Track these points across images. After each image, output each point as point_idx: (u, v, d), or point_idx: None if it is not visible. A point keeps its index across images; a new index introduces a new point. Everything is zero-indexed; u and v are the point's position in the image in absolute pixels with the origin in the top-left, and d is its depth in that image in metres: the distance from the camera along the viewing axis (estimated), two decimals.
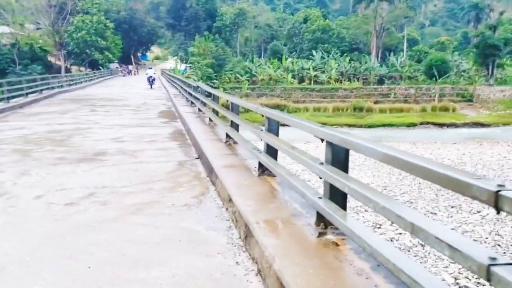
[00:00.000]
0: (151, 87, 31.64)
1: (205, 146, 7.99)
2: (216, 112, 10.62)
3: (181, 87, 21.45)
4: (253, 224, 3.76)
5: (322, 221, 3.40)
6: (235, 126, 8.08)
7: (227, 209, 4.85)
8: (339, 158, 3.23)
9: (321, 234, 3.38)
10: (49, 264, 3.55)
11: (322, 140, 3.33)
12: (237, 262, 3.54)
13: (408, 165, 2.24)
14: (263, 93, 59.18)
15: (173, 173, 6.77)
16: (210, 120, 10.98)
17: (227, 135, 8.38)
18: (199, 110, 13.32)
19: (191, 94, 16.17)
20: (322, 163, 3.35)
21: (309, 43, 73.49)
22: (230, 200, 4.77)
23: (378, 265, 2.78)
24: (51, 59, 56.57)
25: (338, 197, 3.24)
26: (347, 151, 3.23)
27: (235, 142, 8.13)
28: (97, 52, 55.72)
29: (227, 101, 8.72)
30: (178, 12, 73.94)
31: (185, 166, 7.23)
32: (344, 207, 3.26)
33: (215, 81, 55.25)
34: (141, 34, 71.63)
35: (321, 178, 3.35)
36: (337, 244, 3.24)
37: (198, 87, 13.57)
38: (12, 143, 9.22)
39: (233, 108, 8.30)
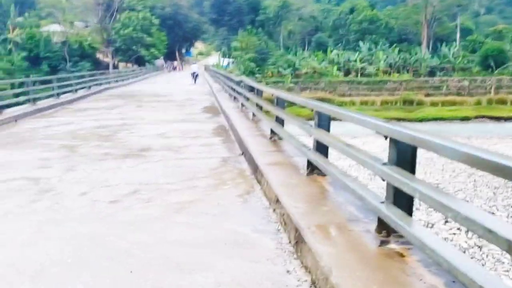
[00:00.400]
0: (195, 82, 32.18)
1: (249, 142, 7.73)
2: (259, 107, 10.34)
3: (224, 82, 21.34)
4: (304, 229, 3.44)
5: (384, 228, 3.04)
6: (280, 121, 7.77)
7: (274, 210, 4.56)
8: (405, 157, 2.85)
9: (383, 243, 3.02)
10: (90, 267, 3.39)
11: (386, 137, 2.95)
12: (288, 271, 3.24)
13: (502, 170, 1.84)
14: (306, 86, 58.34)
15: (217, 169, 6.55)
16: (254, 115, 10.71)
17: (272, 131, 8.08)
18: (242, 105, 13.08)
19: (233, 89, 15.98)
20: (385, 163, 2.98)
21: (356, 34, 71.78)
22: (278, 200, 4.47)
23: (454, 281, 2.40)
24: (99, 56, 58.28)
25: (403, 201, 2.87)
26: (414, 150, 2.84)
27: (280, 138, 7.82)
28: (143, 49, 56.84)
29: (272, 95, 8.41)
30: (222, 7, 74.22)
31: (229, 163, 7.00)
32: (410, 213, 2.88)
33: (257, 75, 55.03)
34: (185, 30, 72.42)
35: (383, 180, 2.98)
36: (402, 255, 2.87)
37: (241, 81, 13.33)
38: (60, 139, 9.33)
39: (278, 102, 7.97)
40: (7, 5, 58.89)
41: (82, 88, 21.29)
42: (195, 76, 33.43)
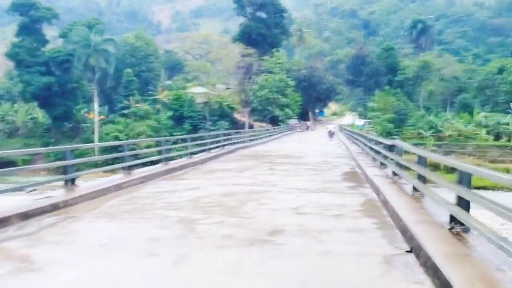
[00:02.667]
0: (331, 138, 38.31)
1: (420, 233, 5.47)
2: (422, 178, 8.02)
3: (365, 144, 19.14)
4: None
5: None
6: (464, 204, 5.44)
7: None
8: None
9: None
10: None
11: None
12: None
13: None
14: (451, 150, 52.90)
15: (380, 280, 4.42)
16: (415, 189, 8.37)
17: (452, 218, 5.72)
18: (394, 174, 10.76)
19: (379, 153, 13.76)
20: None
21: (506, 95, 64.47)
22: None
23: None
24: (236, 115, 60.53)
25: None
26: None
27: (464, 231, 5.45)
28: (277, 109, 57.58)
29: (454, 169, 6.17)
30: (358, 68, 73.05)
31: (395, 267, 4.81)
32: None
33: (395, 136, 51.61)
34: (319, 91, 72.37)
35: None
36: None
37: (394, 145, 11.10)
38: (180, 209, 8.07)
39: (462, 178, 5.63)
40: (159, 69, 65.26)
41: (216, 147, 20.91)
42: (331, 134, 39.69)
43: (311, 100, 73.17)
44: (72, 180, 9.79)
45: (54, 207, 8.09)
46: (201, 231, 6.41)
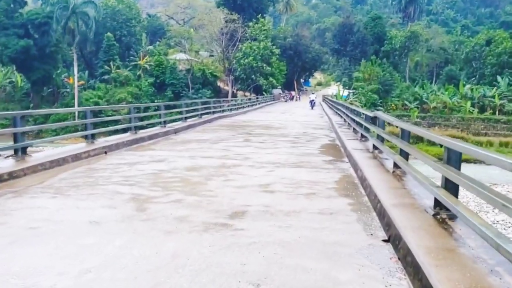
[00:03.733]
0: (312, 108, 40.02)
1: (399, 220, 4.77)
2: (405, 155, 7.31)
3: (347, 115, 18.41)
4: None
5: None
6: (451, 188, 4.74)
7: None
8: None
9: None
10: None
11: None
12: None
13: None
14: (435, 122, 52.77)
15: (351, 279, 3.70)
16: (396, 166, 7.66)
17: (437, 202, 5.01)
18: (375, 147, 10.06)
19: (360, 125, 13.03)
20: None
21: (493, 68, 64.20)
22: None
23: None
24: (220, 84, 59.18)
25: None
26: None
27: (451, 218, 4.76)
28: (261, 78, 56.36)
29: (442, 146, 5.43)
30: (345, 37, 71.67)
31: (369, 261, 4.09)
32: None
33: (380, 107, 51.02)
34: (305, 60, 71.05)
35: None
36: None
37: (376, 117, 10.34)
38: (137, 184, 7.25)
39: (450, 157, 4.89)
40: (140, 34, 63.06)
41: (193, 116, 19.97)
42: (312, 103, 41.86)
43: (296, 69, 71.92)
44: (23, 149, 8.86)
45: None
46: (152, 212, 5.61)
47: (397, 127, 8.10)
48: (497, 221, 15.55)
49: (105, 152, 10.63)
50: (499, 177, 24.20)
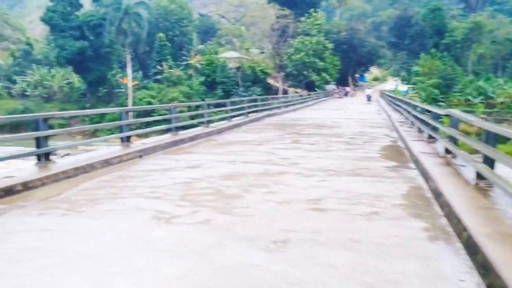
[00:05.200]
0: (369, 102, 41.31)
1: (502, 261, 3.33)
2: (490, 163, 5.76)
3: (409, 112, 16.61)
4: None
5: None
6: None
7: None
8: None
9: None
10: None
11: None
12: None
13: None
14: (503, 118, 48.71)
15: None
16: (480, 176, 6.09)
17: None
18: (447, 151, 8.44)
19: (427, 124, 11.35)
20: None
21: None
22: None
23: None
24: (270, 81, 57.92)
25: None
26: None
27: None
28: (314, 74, 54.53)
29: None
30: (402, 30, 68.17)
31: None
32: None
33: (441, 103, 47.90)
34: (360, 55, 68.25)
35: None
36: None
37: (449, 115, 8.71)
38: (163, 197, 6.16)
39: None
40: (192, 34, 63.16)
41: (240, 115, 18.89)
42: (369, 98, 42.77)
43: (351, 64, 69.22)
44: (46, 155, 8.06)
45: (7, 192, 6.36)
46: (170, 241, 4.45)
47: (480, 128, 6.51)
48: None
49: (140, 156, 9.71)
50: None
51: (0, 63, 66.26)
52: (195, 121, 14.54)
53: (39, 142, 7.96)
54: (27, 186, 6.74)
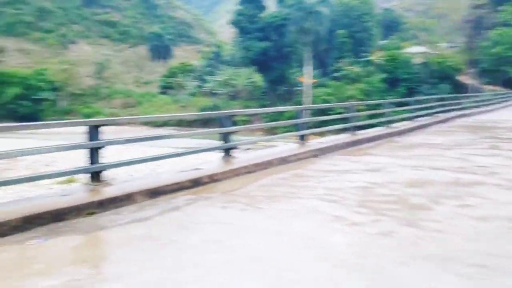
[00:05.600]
0: None
1: None
2: None
3: None
4: None
5: None
6: None
7: None
8: None
9: None
10: None
11: None
12: None
13: None
14: None
15: None
16: None
17: None
18: None
19: None
20: None
21: None
22: None
23: None
24: (459, 77, 52.72)
25: None
26: None
27: None
28: None
29: None
30: None
31: None
32: None
33: None
34: None
35: None
36: None
37: None
38: (340, 201, 5.84)
39: None
40: (373, 29, 61.36)
41: (425, 115, 17.42)
42: None
43: None
44: (227, 151, 8.50)
45: (194, 183, 6.86)
46: (349, 252, 4.12)
47: None
48: None
49: (316, 156, 9.58)
50: None
51: (196, 65, 74.49)
52: (373, 121, 13.83)
53: (225, 137, 8.44)
54: (212, 178, 7.17)
